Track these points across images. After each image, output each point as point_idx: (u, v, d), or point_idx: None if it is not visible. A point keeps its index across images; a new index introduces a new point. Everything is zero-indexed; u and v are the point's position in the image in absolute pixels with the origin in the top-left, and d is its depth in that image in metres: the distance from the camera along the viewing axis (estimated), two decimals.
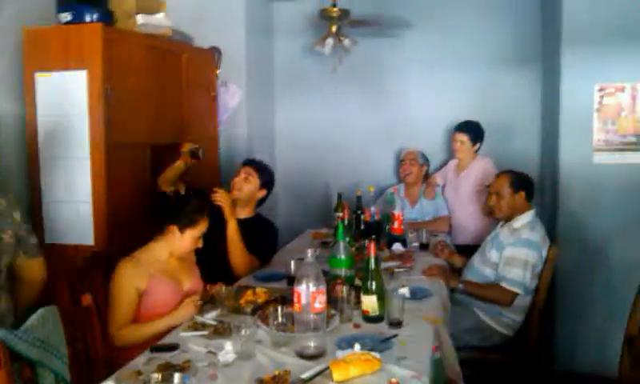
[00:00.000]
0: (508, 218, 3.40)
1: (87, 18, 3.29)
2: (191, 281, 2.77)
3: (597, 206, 3.94)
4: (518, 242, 3.26)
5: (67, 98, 3.26)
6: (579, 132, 3.93)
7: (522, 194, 3.38)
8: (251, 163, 3.55)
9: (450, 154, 4.64)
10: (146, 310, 2.58)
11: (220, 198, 3.23)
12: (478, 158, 4.41)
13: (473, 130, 4.40)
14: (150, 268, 2.62)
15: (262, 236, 3.42)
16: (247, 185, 3.46)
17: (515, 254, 3.23)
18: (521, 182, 3.41)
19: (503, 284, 3.21)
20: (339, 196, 3.92)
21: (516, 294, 3.19)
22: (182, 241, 2.68)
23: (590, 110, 3.91)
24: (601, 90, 3.89)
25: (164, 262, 2.70)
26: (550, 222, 4.05)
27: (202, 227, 2.70)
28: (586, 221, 3.96)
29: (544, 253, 3.30)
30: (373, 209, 3.97)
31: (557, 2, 4.03)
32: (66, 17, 3.31)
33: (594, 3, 3.85)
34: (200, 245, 2.72)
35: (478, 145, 4.41)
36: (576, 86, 3.92)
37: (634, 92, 3.83)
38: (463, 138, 4.39)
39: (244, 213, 3.46)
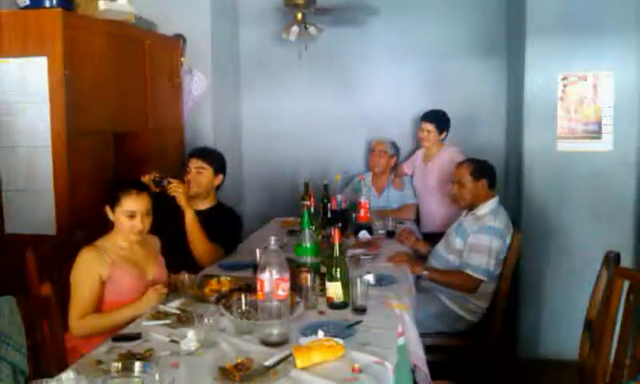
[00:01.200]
0: (471, 207, 3.43)
1: (47, 3, 3.21)
2: (155, 269, 2.74)
3: (560, 193, 4.01)
4: (481, 229, 3.29)
5: (26, 84, 3.18)
6: (543, 120, 3.99)
7: (484, 181, 3.41)
8: (198, 154, 3.49)
9: (418, 143, 4.66)
10: (110, 298, 2.54)
11: (174, 188, 3.16)
12: (445, 146, 4.43)
13: (439, 119, 4.41)
14: (113, 255, 2.59)
15: (226, 224, 3.40)
16: (201, 178, 3.42)
17: (479, 241, 3.26)
18: (481, 170, 3.43)
19: (467, 271, 3.24)
20: (306, 184, 3.91)
21: (480, 281, 3.23)
22: (117, 221, 2.64)
23: (553, 98, 3.97)
24: (564, 78, 3.94)
25: (127, 250, 2.66)
26: (515, 209, 4.11)
27: (128, 204, 2.60)
28: (549, 208, 4.02)
29: (507, 240, 3.34)
30: (339, 197, 3.97)
31: None
32: (24, 1, 3.23)
33: None
34: (139, 224, 2.61)
35: (444, 134, 4.43)
36: (540, 75, 3.98)
37: (596, 81, 3.90)
38: (429, 127, 4.39)
39: (205, 203, 3.43)
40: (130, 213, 2.61)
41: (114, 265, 2.57)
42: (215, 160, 3.48)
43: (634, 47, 3.86)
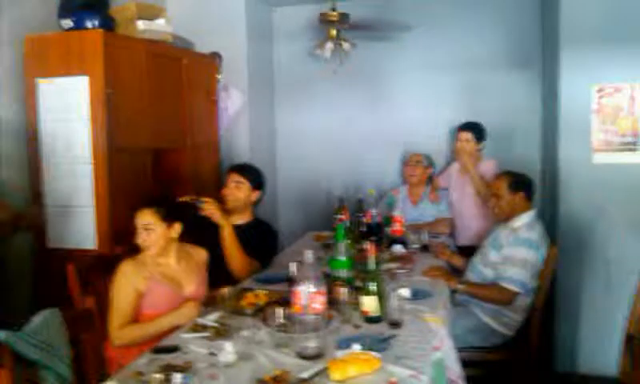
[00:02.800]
0: (507, 219, 3.41)
1: (88, 25, 3.34)
2: (194, 286, 2.78)
3: (596, 206, 3.95)
4: (516, 241, 3.27)
5: (69, 103, 3.30)
6: (578, 132, 3.94)
7: (522, 194, 3.39)
8: (238, 169, 3.52)
9: (452, 157, 4.64)
10: (146, 311, 2.61)
11: (207, 208, 3.18)
12: (483, 160, 4.40)
13: (477, 129, 4.41)
14: (151, 270, 2.66)
15: (262, 239, 3.42)
16: (239, 192, 3.44)
17: (514, 253, 3.24)
18: (520, 182, 3.42)
19: (502, 283, 3.22)
20: (340, 199, 3.93)
21: (516, 293, 3.20)
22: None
23: (588, 110, 3.92)
24: (599, 90, 3.90)
25: (164, 265, 2.73)
26: (551, 222, 4.06)
27: (140, 219, 2.68)
28: (585, 221, 3.97)
29: (543, 252, 3.31)
30: (373, 211, 3.98)
31: (555, 3, 4.05)
32: (68, 23, 3.36)
33: (592, 4, 3.87)
34: (140, 238, 2.68)
35: (482, 144, 4.41)
36: (574, 86, 3.94)
37: (633, 92, 3.84)
38: (468, 135, 4.37)
39: (242, 218, 3.46)
40: (138, 227, 2.69)
41: (150, 279, 2.63)
42: (253, 176, 3.50)
43: None
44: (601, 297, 3.97)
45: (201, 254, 2.94)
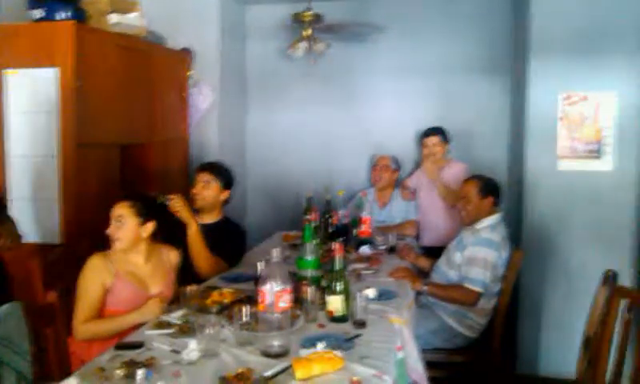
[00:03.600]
0: (474, 222, 3.45)
1: (59, 16, 3.28)
2: (160, 287, 2.76)
3: (561, 212, 4.03)
4: (477, 241, 3.32)
5: (37, 95, 3.25)
6: (545, 139, 4.02)
7: (490, 199, 3.43)
8: (207, 168, 3.51)
9: (419, 162, 4.69)
10: (109, 307, 2.59)
11: (174, 205, 3.17)
12: (452, 161, 4.44)
13: (442, 131, 4.46)
14: (118, 267, 2.64)
15: (230, 239, 3.42)
16: (208, 191, 3.43)
17: (475, 253, 3.28)
18: (488, 187, 3.46)
19: (466, 284, 3.26)
20: (308, 199, 3.95)
21: (479, 294, 3.25)
22: None
23: (555, 117, 4.00)
24: (566, 98, 3.98)
25: (133, 263, 2.71)
26: (516, 226, 4.13)
27: (115, 210, 2.69)
28: (550, 227, 4.05)
29: (504, 254, 3.35)
30: (341, 212, 4.01)
31: (526, 12, 4.12)
32: (38, 14, 3.30)
33: (561, 15, 3.95)
34: (115, 231, 2.68)
35: (448, 146, 4.47)
36: (542, 94, 4.02)
37: (598, 101, 3.93)
38: (435, 139, 4.41)
39: (211, 217, 3.46)
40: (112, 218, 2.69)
41: (117, 276, 2.62)
42: (223, 175, 3.49)
43: (635, 68, 3.89)
44: (562, 301, 4.05)
45: (172, 256, 2.92)
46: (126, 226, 2.67)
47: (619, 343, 2.44)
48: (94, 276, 2.57)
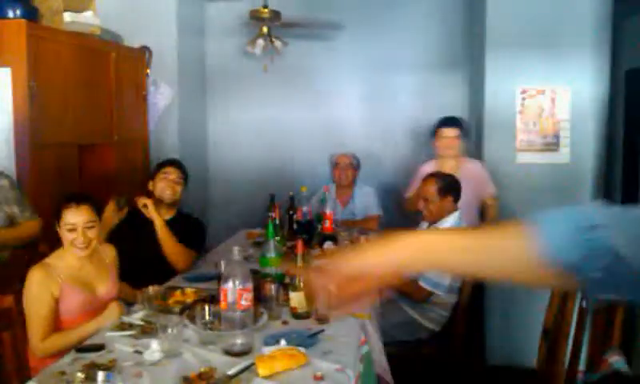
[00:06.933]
0: (435, 221, 3.47)
1: (10, 14, 3.21)
2: (106, 285, 2.67)
3: (520, 204, 4.09)
4: None
5: None
6: (503, 132, 4.09)
7: (450, 198, 3.45)
8: (177, 165, 3.51)
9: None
10: (63, 317, 2.48)
11: (140, 202, 3.24)
12: (465, 159, 4.09)
13: (459, 123, 4.07)
14: (61, 274, 2.50)
15: (190, 230, 3.44)
16: (179, 187, 3.46)
17: None
18: (447, 186, 3.46)
19: (420, 281, 3.29)
20: (271, 196, 3.94)
21: (430, 292, 3.28)
22: (62, 237, 2.53)
23: (513, 111, 4.07)
24: (523, 92, 4.05)
25: (75, 268, 2.57)
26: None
27: (68, 217, 2.49)
28: (509, 219, 4.09)
29: None
30: (305, 208, 4.01)
31: (481, 7, 4.19)
32: None
33: (516, 10, 4.03)
34: (79, 237, 2.49)
35: (464, 141, 4.09)
36: (499, 88, 4.09)
37: (554, 94, 4.02)
38: (454, 132, 3.99)
39: (169, 213, 3.45)
40: (71, 226, 2.49)
41: (62, 285, 2.48)
42: (185, 172, 3.53)
43: (588, 63, 3.99)
44: (525, 293, 4.11)
45: (109, 252, 2.82)
46: (96, 229, 2.57)
47: (575, 332, 2.50)
48: (41, 289, 2.42)
